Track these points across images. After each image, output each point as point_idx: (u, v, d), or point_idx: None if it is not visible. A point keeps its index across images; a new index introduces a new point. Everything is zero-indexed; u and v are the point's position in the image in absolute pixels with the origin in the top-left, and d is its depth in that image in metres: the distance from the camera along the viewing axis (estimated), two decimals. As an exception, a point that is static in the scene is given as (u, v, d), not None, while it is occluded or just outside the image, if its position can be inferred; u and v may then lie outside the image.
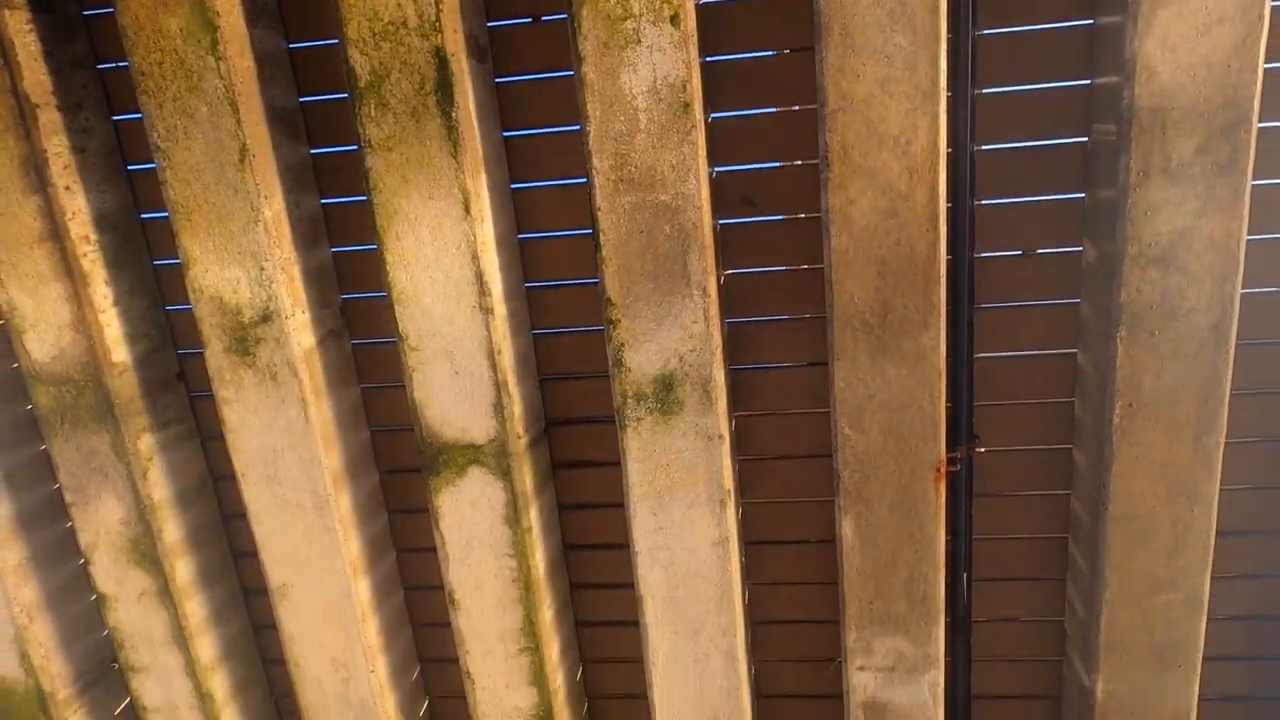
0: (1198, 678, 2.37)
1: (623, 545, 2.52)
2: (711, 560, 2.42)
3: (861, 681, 2.49)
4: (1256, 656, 2.56)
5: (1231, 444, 2.27)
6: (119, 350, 2.48)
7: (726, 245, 2.33)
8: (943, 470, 2.28)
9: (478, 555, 2.49)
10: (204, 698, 2.76)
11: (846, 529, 2.35)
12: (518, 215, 2.42)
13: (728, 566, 2.42)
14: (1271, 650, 2.55)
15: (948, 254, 2.18)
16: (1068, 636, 2.56)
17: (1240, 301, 2.04)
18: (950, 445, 2.32)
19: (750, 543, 2.61)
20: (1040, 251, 2.27)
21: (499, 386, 2.32)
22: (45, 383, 2.51)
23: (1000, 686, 2.68)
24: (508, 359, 2.33)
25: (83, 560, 2.77)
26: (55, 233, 2.38)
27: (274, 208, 2.26)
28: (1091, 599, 2.38)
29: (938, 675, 2.45)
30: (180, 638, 2.69)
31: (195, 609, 2.68)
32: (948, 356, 2.23)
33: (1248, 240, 2.01)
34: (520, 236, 2.44)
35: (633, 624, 2.59)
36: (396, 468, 2.71)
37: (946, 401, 2.24)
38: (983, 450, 2.41)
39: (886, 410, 2.24)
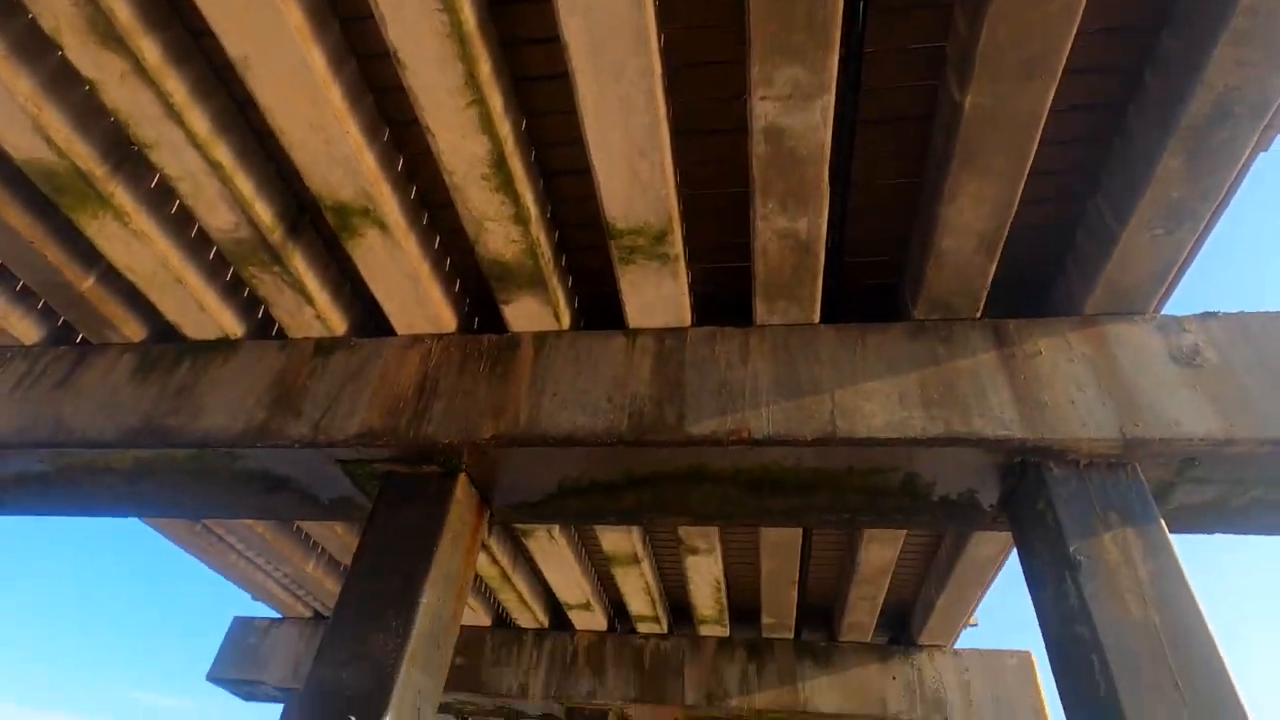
0: (1054, 87, 2.71)
1: (544, -3, 2.67)
2: (627, 4, 2.59)
3: (763, 110, 2.86)
4: (1109, 68, 2.86)
5: None
6: None
7: None
8: (845, -113, 2.29)
9: (410, 12, 2.67)
10: (214, 165, 3.25)
11: (751, -39, 2.47)
12: None
13: (643, 10, 2.60)
14: (1123, 62, 2.83)
15: None
16: (948, 57, 2.84)
17: None
18: None
19: (663, -14, 2.75)
20: None
21: None
22: None
23: (881, 112, 3.08)
24: None
25: (59, 50, 3.00)
26: None
27: None
28: (976, 16, 2.59)
29: (829, 100, 2.80)
30: (173, 114, 3.07)
31: (175, 87, 2.99)
32: None
33: None
34: None
35: (564, 77, 2.89)
36: (315, -71, 2.73)
37: None
38: None
39: None
